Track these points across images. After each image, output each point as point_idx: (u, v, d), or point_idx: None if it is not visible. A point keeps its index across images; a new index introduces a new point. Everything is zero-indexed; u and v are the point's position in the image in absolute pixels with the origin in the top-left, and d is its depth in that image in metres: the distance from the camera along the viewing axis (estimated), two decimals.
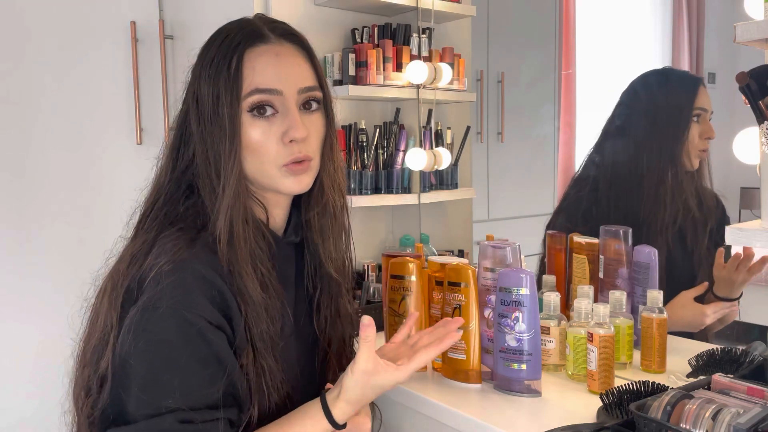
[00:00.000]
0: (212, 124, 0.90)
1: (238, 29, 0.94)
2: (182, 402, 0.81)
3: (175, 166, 0.96)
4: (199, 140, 0.93)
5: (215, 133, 0.90)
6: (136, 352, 0.81)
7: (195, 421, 0.81)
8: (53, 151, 1.88)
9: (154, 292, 0.82)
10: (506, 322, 1.13)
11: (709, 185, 1.52)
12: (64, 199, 1.90)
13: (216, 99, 0.90)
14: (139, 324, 0.82)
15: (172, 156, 0.97)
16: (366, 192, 1.81)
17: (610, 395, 1.04)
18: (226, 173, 0.90)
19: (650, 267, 1.31)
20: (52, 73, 1.87)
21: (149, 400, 0.81)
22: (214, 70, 0.91)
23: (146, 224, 0.94)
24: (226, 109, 0.89)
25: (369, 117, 1.89)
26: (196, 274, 0.84)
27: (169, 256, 0.84)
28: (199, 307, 0.83)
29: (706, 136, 1.49)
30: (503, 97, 2.14)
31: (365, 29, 1.83)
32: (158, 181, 0.98)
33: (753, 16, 1.00)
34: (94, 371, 0.86)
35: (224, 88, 0.90)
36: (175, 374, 0.82)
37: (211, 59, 0.92)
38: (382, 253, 1.38)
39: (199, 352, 0.83)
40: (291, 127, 0.91)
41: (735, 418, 0.84)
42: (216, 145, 0.90)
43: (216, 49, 0.93)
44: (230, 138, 0.89)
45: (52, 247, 1.88)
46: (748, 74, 0.90)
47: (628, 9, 1.88)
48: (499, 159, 2.19)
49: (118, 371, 0.83)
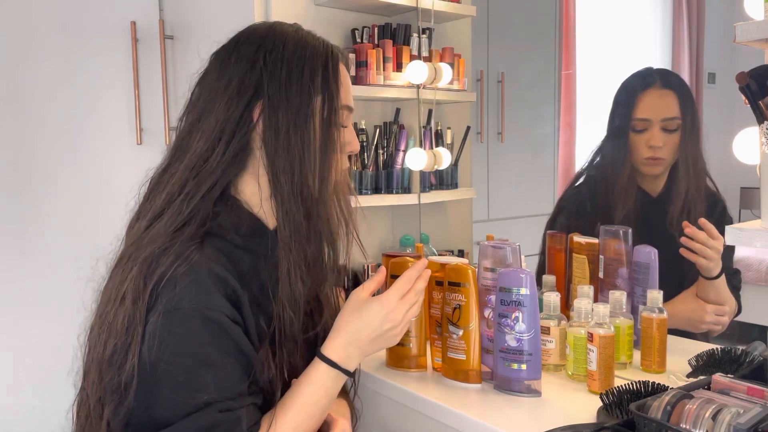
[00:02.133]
0: (307, 126, 0.94)
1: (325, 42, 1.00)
2: (217, 395, 0.84)
3: (225, 152, 0.93)
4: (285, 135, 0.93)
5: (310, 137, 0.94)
6: (166, 356, 0.83)
7: (233, 409, 0.85)
8: (53, 150, 1.88)
9: (173, 294, 0.84)
10: (506, 322, 1.13)
11: (711, 185, 1.52)
12: (64, 198, 1.90)
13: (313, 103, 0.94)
14: (164, 327, 0.83)
15: (225, 141, 0.93)
16: (366, 192, 1.81)
17: (610, 395, 1.04)
18: (324, 175, 0.95)
19: (650, 267, 1.31)
20: (53, 73, 1.87)
21: (185, 400, 0.83)
22: (311, 69, 0.95)
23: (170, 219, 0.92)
24: (329, 118, 0.95)
25: (369, 117, 1.89)
26: (211, 274, 0.87)
27: (182, 258, 0.86)
28: (217, 304, 0.86)
29: (650, 145, 1.49)
30: (503, 97, 2.15)
31: (365, 29, 1.83)
32: (194, 164, 0.94)
33: (753, 16, 1.00)
34: (117, 376, 0.86)
35: (324, 94, 0.95)
36: (207, 370, 0.85)
37: (305, 59, 0.95)
38: (382, 253, 1.38)
39: (225, 346, 0.86)
40: (354, 140, 1.03)
41: (735, 418, 0.84)
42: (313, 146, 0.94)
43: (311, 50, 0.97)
44: (332, 143, 0.95)
45: (52, 246, 1.88)
46: (748, 74, 0.90)
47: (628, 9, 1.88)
48: (499, 159, 2.19)
49: (146, 377, 0.84)
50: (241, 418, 0.87)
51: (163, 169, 0.98)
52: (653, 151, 1.48)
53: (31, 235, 1.86)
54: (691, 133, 1.49)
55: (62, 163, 1.89)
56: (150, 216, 0.94)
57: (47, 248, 1.88)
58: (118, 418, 0.86)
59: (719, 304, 1.43)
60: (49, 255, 1.87)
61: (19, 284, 1.84)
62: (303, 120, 0.93)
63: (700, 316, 1.44)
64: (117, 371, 0.85)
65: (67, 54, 1.89)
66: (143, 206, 0.97)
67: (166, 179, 0.95)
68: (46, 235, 1.87)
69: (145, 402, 0.84)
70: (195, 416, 0.83)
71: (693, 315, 1.45)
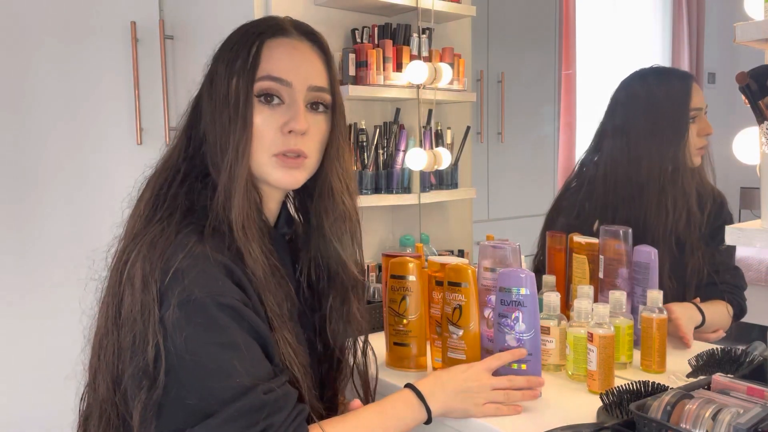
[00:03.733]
0: (224, 105, 0.92)
1: (263, 21, 0.98)
2: (250, 378, 0.84)
3: (188, 145, 0.97)
4: (210, 121, 0.94)
5: (226, 115, 0.92)
6: (190, 347, 0.82)
7: (275, 389, 0.86)
8: (53, 151, 1.88)
9: (183, 287, 0.83)
10: (506, 322, 1.13)
11: (712, 182, 1.52)
12: (64, 198, 1.90)
13: (230, 81, 0.92)
14: (180, 320, 0.83)
15: (186, 136, 0.98)
16: (366, 192, 1.81)
17: (610, 395, 1.04)
18: (239, 155, 0.91)
19: (650, 267, 1.31)
20: (53, 73, 1.87)
21: (220, 387, 0.83)
22: (234, 54, 0.94)
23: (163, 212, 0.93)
24: (240, 92, 0.91)
25: (369, 117, 1.89)
26: (216, 262, 0.87)
27: (186, 250, 0.86)
28: (228, 290, 0.86)
29: (704, 134, 1.48)
30: (503, 97, 2.15)
31: (365, 29, 1.83)
32: (171, 159, 0.97)
33: (753, 16, 1.00)
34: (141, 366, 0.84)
35: (240, 71, 0.92)
36: (233, 355, 0.84)
37: (232, 45, 0.95)
38: (382, 253, 1.38)
39: (244, 328, 0.86)
40: (293, 118, 0.93)
41: (735, 418, 0.84)
42: (226, 126, 0.92)
43: (238, 36, 0.96)
44: (242, 119, 0.91)
45: (52, 246, 1.88)
46: (748, 74, 0.90)
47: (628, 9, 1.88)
48: (499, 159, 2.19)
49: (174, 371, 0.83)
50: (289, 393, 0.88)
51: (160, 166, 1.00)
52: (705, 140, 1.47)
53: (31, 235, 1.86)
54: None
55: (62, 163, 1.89)
56: (147, 212, 0.95)
57: (47, 248, 1.88)
58: (149, 411, 0.84)
59: (717, 330, 1.45)
60: (49, 255, 1.87)
61: (18, 284, 1.84)
62: (220, 105, 0.92)
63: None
64: (142, 362, 0.84)
65: (67, 54, 1.89)
66: (139, 202, 0.98)
67: (161, 175, 0.98)
68: (46, 235, 1.87)
69: (177, 395, 0.83)
70: (240, 400, 0.82)
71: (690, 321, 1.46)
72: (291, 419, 0.86)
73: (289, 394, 0.88)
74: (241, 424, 0.82)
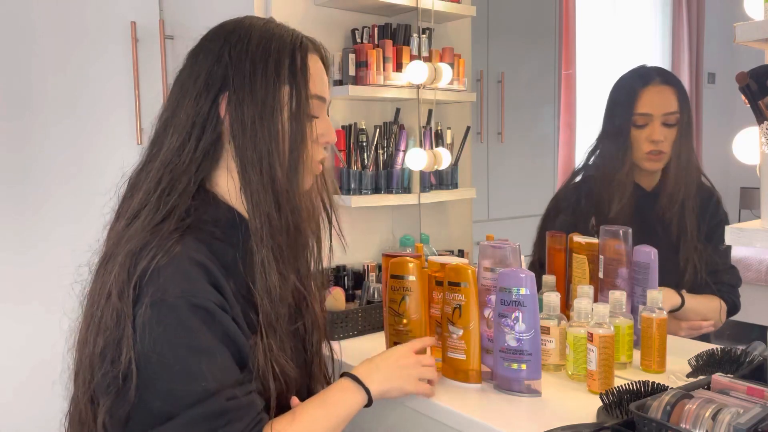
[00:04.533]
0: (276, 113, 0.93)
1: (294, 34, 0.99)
2: (215, 383, 0.83)
3: (197, 147, 0.94)
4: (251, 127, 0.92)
5: (279, 122, 0.93)
6: (158, 347, 0.82)
7: (238, 397, 0.85)
8: (53, 150, 1.88)
9: (157, 286, 0.83)
10: (506, 322, 1.13)
11: (707, 183, 1.53)
12: (64, 198, 1.90)
13: (278, 88, 0.93)
14: (152, 319, 0.82)
15: (195, 135, 0.94)
16: (366, 192, 1.81)
17: (610, 395, 1.04)
18: (293, 166, 0.94)
19: (650, 267, 1.31)
20: (53, 73, 1.87)
21: (184, 389, 0.82)
22: (276, 61, 0.94)
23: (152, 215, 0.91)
24: (297, 103, 0.94)
25: (369, 117, 1.89)
26: (193, 262, 0.86)
27: (164, 251, 0.85)
28: (203, 291, 0.86)
29: (651, 140, 1.51)
30: (503, 97, 2.15)
31: (365, 29, 1.83)
32: (169, 160, 0.94)
33: (753, 16, 1.00)
34: (111, 372, 0.85)
35: (291, 82, 0.94)
36: (201, 358, 0.83)
37: (269, 52, 0.94)
38: (382, 253, 1.37)
39: (215, 332, 0.86)
40: (329, 131, 1.02)
41: (735, 418, 0.84)
42: (277, 133, 0.93)
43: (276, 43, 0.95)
44: (302, 132, 0.94)
45: (52, 246, 1.88)
46: (748, 74, 0.90)
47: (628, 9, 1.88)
48: (499, 159, 2.19)
49: (141, 371, 0.83)
50: (253, 403, 0.87)
51: (140, 168, 0.98)
52: (655, 145, 1.51)
53: (30, 235, 1.86)
54: (687, 128, 1.52)
55: (62, 163, 1.89)
56: (129, 215, 0.94)
57: (47, 248, 1.88)
58: (116, 416, 0.85)
59: (702, 320, 1.48)
60: (48, 255, 1.87)
61: (18, 284, 1.84)
62: (269, 112, 0.92)
63: (675, 331, 1.46)
64: (110, 367, 0.84)
65: (67, 54, 1.89)
66: (122, 206, 0.97)
67: (142, 177, 0.96)
68: (46, 235, 1.87)
69: (142, 397, 0.83)
70: (201, 405, 0.82)
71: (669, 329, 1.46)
72: (249, 428, 0.86)
73: (252, 404, 0.87)
74: (200, 428, 0.82)
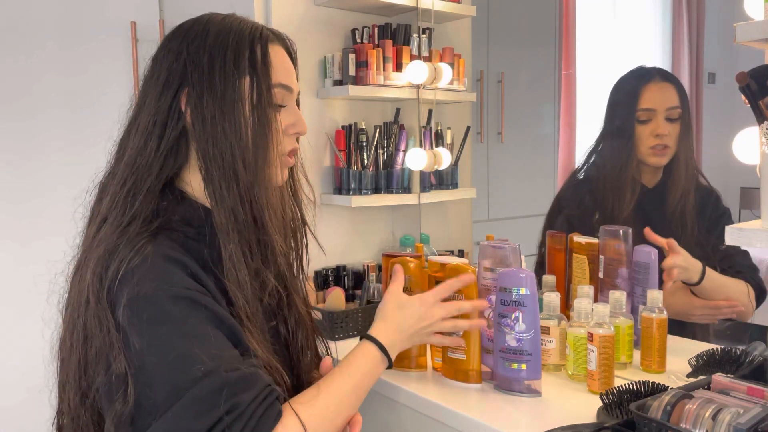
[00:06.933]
0: (237, 106, 0.91)
1: (253, 25, 0.97)
2: (213, 363, 0.80)
3: (159, 145, 0.93)
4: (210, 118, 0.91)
5: (240, 116, 0.91)
6: (147, 343, 0.80)
7: (240, 368, 0.81)
8: (53, 150, 1.88)
9: (132, 285, 0.81)
10: (506, 322, 1.13)
11: (704, 181, 1.53)
12: (64, 199, 1.89)
13: (238, 81, 0.91)
14: (133, 318, 0.81)
15: (157, 134, 0.93)
16: (366, 192, 1.81)
17: (610, 395, 1.04)
18: (267, 157, 0.92)
19: (650, 267, 1.31)
20: (53, 73, 1.87)
21: (182, 377, 0.79)
22: (236, 52, 0.92)
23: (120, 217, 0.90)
24: (257, 95, 0.92)
25: (369, 117, 1.89)
26: (166, 258, 0.85)
27: (135, 251, 0.84)
28: (179, 281, 0.84)
29: (655, 134, 1.52)
30: (503, 97, 2.15)
31: (365, 29, 1.83)
32: (133, 161, 0.93)
33: (753, 16, 1.00)
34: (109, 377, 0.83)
35: (252, 73, 0.92)
36: (193, 343, 0.80)
37: (225, 43, 0.93)
38: (382, 253, 1.38)
39: (202, 317, 0.83)
40: (299, 122, 0.98)
41: (735, 418, 0.84)
42: (242, 127, 0.91)
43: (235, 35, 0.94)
44: (266, 123, 0.92)
45: (51, 247, 1.87)
46: (748, 74, 0.90)
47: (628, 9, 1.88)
48: (499, 159, 2.19)
49: (137, 371, 0.81)
50: (258, 374, 0.83)
51: (108, 172, 0.97)
52: (660, 139, 1.51)
53: (30, 235, 1.86)
54: (688, 124, 1.53)
55: (62, 163, 1.89)
56: (98, 219, 0.93)
57: (46, 248, 1.87)
58: (124, 419, 0.83)
59: (725, 299, 1.44)
60: (47, 255, 1.86)
61: (17, 284, 1.84)
62: (230, 105, 0.91)
63: (689, 311, 1.45)
64: (107, 373, 0.83)
65: (67, 54, 1.89)
66: (93, 210, 0.96)
67: (110, 180, 0.96)
68: (45, 235, 1.87)
69: (145, 394, 0.81)
70: (200, 385, 0.78)
71: (681, 309, 1.46)
72: (261, 399, 0.81)
73: (257, 374, 0.83)
74: (201, 408, 0.77)
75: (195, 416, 0.77)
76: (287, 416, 0.83)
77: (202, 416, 0.77)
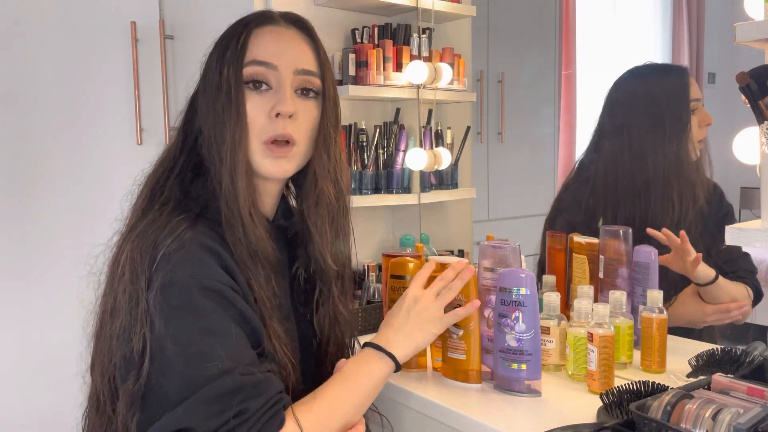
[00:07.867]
0: (216, 95, 0.92)
1: (253, 13, 0.99)
2: (231, 363, 0.81)
3: (185, 140, 0.98)
4: (204, 113, 0.95)
5: (219, 104, 0.92)
6: (171, 330, 0.81)
7: (254, 373, 0.83)
8: (53, 151, 1.88)
9: (167, 270, 0.83)
10: (506, 322, 1.13)
11: (708, 175, 1.52)
12: (64, 199, 1.90)
13: (221, 71, 0.93)
14: (163, 303, 0.82)
15: (182, 132, 0.99)
16: (366, 192, 1.81)
17: (610, 395, 1.04)
18: (236, 142, 0.91)
19: (650, 267, 1.31)
20: (52, 73, 1.87)
21: (198, 372, 0.80)
22: (224, 45, 0.95)
23: (158, 204, 0.93)
24: (231, 79, 0.92)
25: (369, 117, 1.89)
26: (203, 247, 0.86)
27: (174, 236, 0.85)
28: (213, 273, 0.85)
29: (704, 124, 1.49)
30: (503, 97, 2.15)
31: (365, 29, 1.83)
32: (168, 155, 0.99)
33: (753, 16, 1.00)
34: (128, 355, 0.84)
35: (230, 60, 0.93)
36: (215, 339, 0.82)
37: (222, 38, 0.97)
38: (382, 253, 1.37)
39: (229, 314, 0.85)
40: (279, 101, 0.92)
41: (735, 418, 0.84)
42: (220, 115, 0.92)
43: (230, 29, 0.97)
44: (235, 107, 0.91)
45: (51, 247, 1.88)
46: (748, 74, 0.90)
47: (628, 9, 1.88)
48: (499, 159, 2.19)
49: (155, 356, 0.82)
50: (270, 380, 0.85)
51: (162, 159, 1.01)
52: (706, 131, 1.47)
53: (31, 235, 1.86)
54: None
55: (62, 163, 1.89)
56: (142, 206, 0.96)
57: (46, 248, 1.88)
58: (135, 401, 0.84)
59: (732, 301, 1.42)
60: (47, 255, 1.87)
61: (17, 284, 1.84)
62: (213, 95, 0.93)
63: (701, 318, 1.44)
64: (128, 350, 0.84)
65: (67, 54, 1.89)
66: (135, 200, 0.99)
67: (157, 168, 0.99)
68: (45, 235, 1.87)
69: (158, 381, 0.82)
70: (214, 384, 0.80)
71: (693, 318, 1.45)
72: (268, 407, 0.83)
73: (270, 381, 0.85)
74: (212, 408, 0.79)
75: (205, 417, 0.79)
76: (288, 422, 0.85)
77: (212, 417, 0.79)
